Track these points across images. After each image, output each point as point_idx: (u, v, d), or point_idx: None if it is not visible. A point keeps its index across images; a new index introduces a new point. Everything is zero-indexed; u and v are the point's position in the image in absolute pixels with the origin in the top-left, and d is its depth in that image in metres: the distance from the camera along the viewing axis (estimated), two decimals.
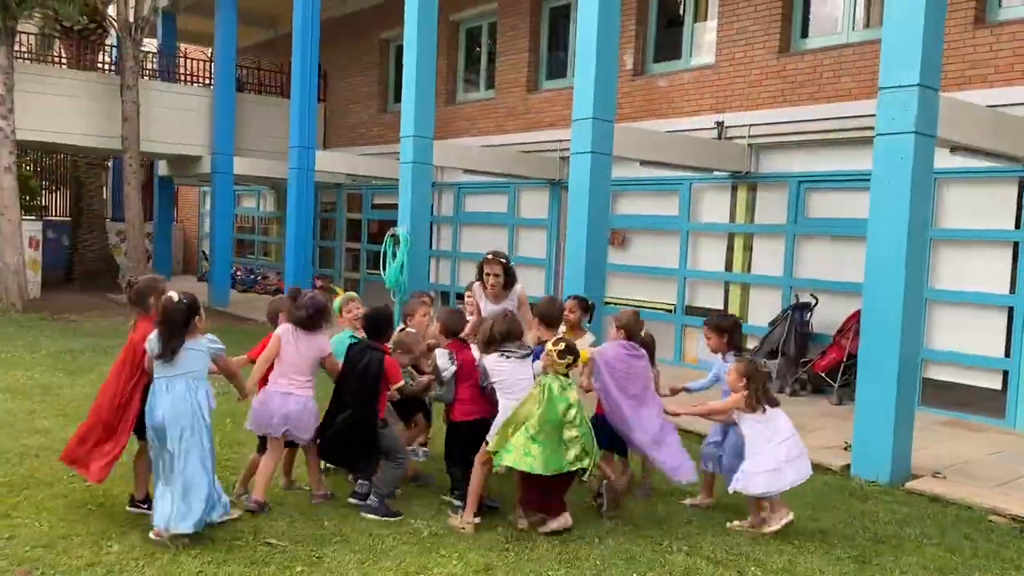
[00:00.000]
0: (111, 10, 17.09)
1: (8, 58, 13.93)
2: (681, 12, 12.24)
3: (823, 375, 9.60)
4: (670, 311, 11.93)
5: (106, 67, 20.06)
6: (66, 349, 10.56)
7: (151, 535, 4.44)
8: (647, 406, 5.52)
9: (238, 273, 22.05)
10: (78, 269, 20.49)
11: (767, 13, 10.74)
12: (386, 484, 5.15)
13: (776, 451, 5.13)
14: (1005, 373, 8.64)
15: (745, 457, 5.22)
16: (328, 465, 5.72)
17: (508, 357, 5.13)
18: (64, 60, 18.78)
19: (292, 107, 14.92)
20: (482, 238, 14.90)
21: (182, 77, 20.22)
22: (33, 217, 18.20)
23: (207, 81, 20.09)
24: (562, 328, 6.11)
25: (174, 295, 4.58)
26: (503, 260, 6.63)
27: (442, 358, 5.32)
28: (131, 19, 16.18)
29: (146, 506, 4.84)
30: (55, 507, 4.89)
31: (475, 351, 5.49)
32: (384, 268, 11.80)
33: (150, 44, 21.82)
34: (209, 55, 20.69)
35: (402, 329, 5.88)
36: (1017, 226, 8.60)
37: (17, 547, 4.33)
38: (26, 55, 17.03)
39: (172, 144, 17.87)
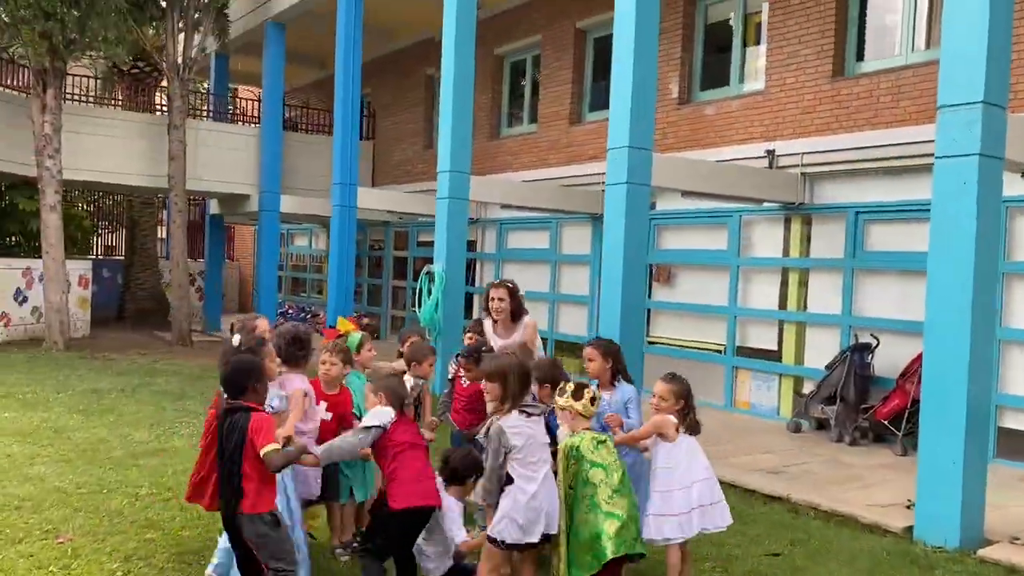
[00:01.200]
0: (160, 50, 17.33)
1: (56, 99, 14.10)
2: (729, 37, 11.70)
3: (886, 423, 8.78)
4: (719, 352, 11.23)
5: (161, 108, 20.38)
6: (94, 389, 10.37)
7: None
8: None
9: (289, 311, 22.00)
10: (130, 307, 20.69)
11: (819, 36, 10.13)
12: None
13: (689, 493, 4.42)
14: None
15: (651, 495, 4.45)
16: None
17: (529, 415, 4.22)
18: (119, 101, 19.11)
19: (335, 144, 14.79)
20: (525, 275, 14.39)
21: (239, 117, 20.42)
22: (88, 256, 18.48)
23: (258, 120, 20.23)
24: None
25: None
26: (509, 285, 6.26)
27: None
28: (179, 60, 16.33)
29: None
30: (14, 568, 4.50)
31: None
32: (419, 306, 11.42)
33: (204, 84, 22.19)
34: (258, 95, 20.87)
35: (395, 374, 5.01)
36: None
37: None
38: (78, 96, 17.30)
39: (220, 183, 17.95)
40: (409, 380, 5.11)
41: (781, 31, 10.56)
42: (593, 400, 4.19)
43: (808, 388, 9.90)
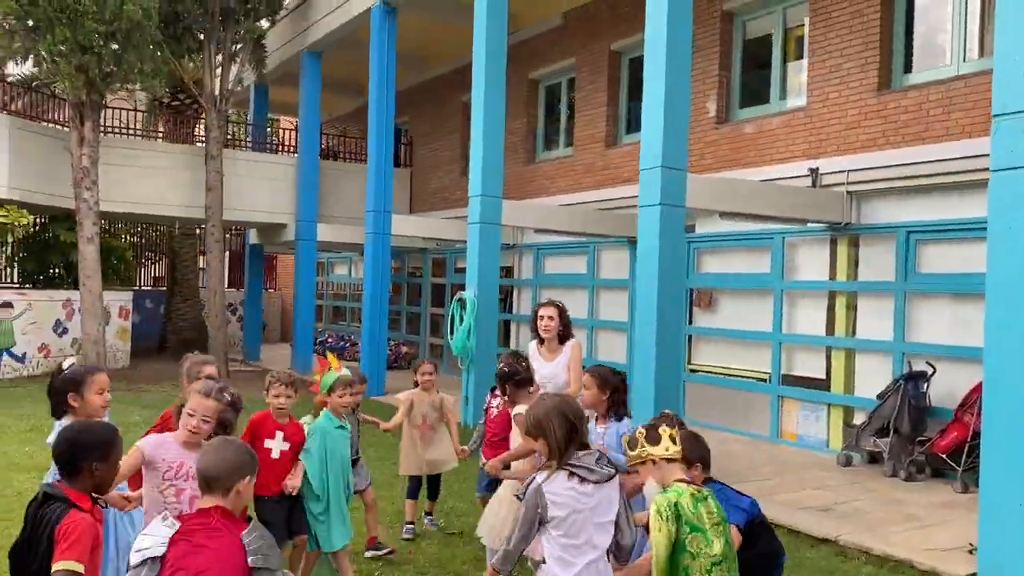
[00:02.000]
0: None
1: (93, 132, 14.22)
2: (768, 53, 11.28)
3: (944, 457, 8.17)
4: (764, 380, 10.70)
5: (201, 140, 20.59)
6: (122, 422, 10.17)
7: None
8: None
9: (329, 340, 21.95)
10: (172, 337, 20.78)
11: (863, 48, 9.67)
12: None
13: None
14: None
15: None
16: None
17: (583, 479, 3.18)
18: (161, 134, 19.34)
19: (369, 171, 14.67)
20: (563, 300, 14.02)
21: (282, 147, 20.51)
22: (131, 287, 18.62)
23: (296, 150, 20.31)
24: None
25: None
26: (558, 304, 6.27)
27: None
28: (216, 92, 16.43)
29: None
30: None
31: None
32: (451, 333, 11.13)
33: (243, 115, 22.40)
34: (297, 124, 20.98)
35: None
36: None
37: None
38: (117, 129, 17.50)
39: (258, 212, 17.98)
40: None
41: (823, 44, 10.12)
42: (673, 439, 3.38)
43: (859, 419, 9.34)
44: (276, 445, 4.68)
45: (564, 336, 6.13)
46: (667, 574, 3.18)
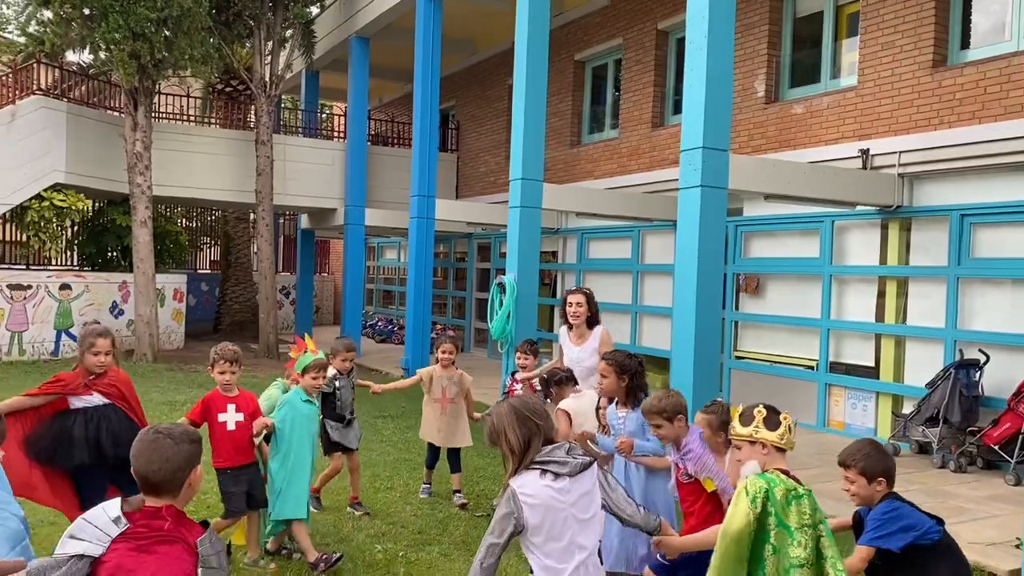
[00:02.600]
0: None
1: (146, 118, 14.51)
2: (819, 31, 10.94)
3: (996, 448, 7.87)
4: (811, 368, 10.44)
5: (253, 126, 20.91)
6: (170, 401, 10.48)
7: None
8: None
9: (378, 323, 22.18)
10: (226, 319, 21.22)
11: (917, 23, 9.30)
12: None
13: None
14: None
15: None
16: None
17: (556, 475, 2.96)
18: (216, 120, 19.67)
19: (413, 156, 14.69)
20: (606, 285, 13.92)
21: (334, 132, 20.71)
22: (186, 270, 19.03)
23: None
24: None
25: None
26: (586, 291, 6.48)
27: None
28: (267, 77, 16.61)
29: None
30: None
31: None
32: (491, 318, 11.10)
33: (296, 102, 22.65)
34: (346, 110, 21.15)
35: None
36: None
37: None
38: (170, 115, 17.85)
39: (307, 197, 18.19)
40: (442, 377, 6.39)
41: (875, 20, 9.77)
42: (791, 429, 3.24)
43: (908, 408, 9.04)
44: (230, 417, 4.93)
45: (592, 322, 6.39)
46: (733, 553, 2.99)
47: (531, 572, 2.96)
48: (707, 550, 3.21)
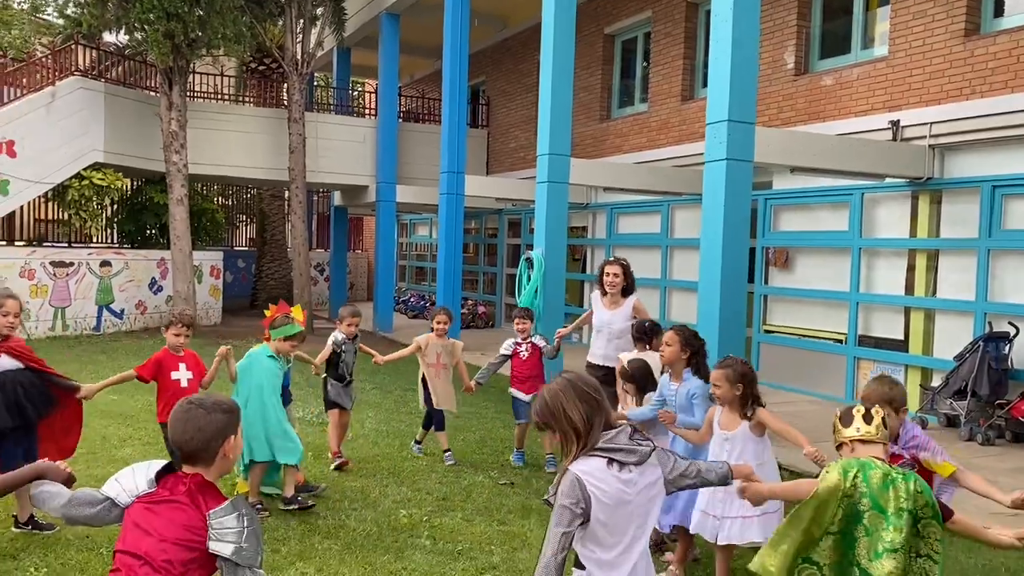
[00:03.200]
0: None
1: (181, 97, 14.75)
2: (850, 0, 10.78)
3: None
4: (841, 341, 10.41)
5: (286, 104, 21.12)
6: None
7: None
8: None
9: (411, 299, 22.39)
10: (262, 295, 21.58)
11: None
12: None
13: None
14: None
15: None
16: None
17: (622, 464, 2.65)
18: (249, 98, 19.91)
19: (443, 132, 14.77)
20: (636, 260, 13.90)
21: (365, 110, 20.85)
22: (222, 247, 19.38)
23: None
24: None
25: None
26: (623, 262, 6.77)
27: None
28: (298, 55, 16.77)
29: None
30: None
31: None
32: (519, 293, 11.20)
33: (329, 80, 22.75)
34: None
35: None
36: None
37: None
38: (205, 94, 18.11)
39: (340, 175, 18.39)
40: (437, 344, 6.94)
41: None
42: (868, 418, 3.13)
43: (937, 381, 9.00)
44: (183, 375, 5.38)
45: (627, 290, 6.65)
46: (809, 514, 2.93)
47: (579, 566, 2.67)
48: None
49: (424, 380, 6.99)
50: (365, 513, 5.50)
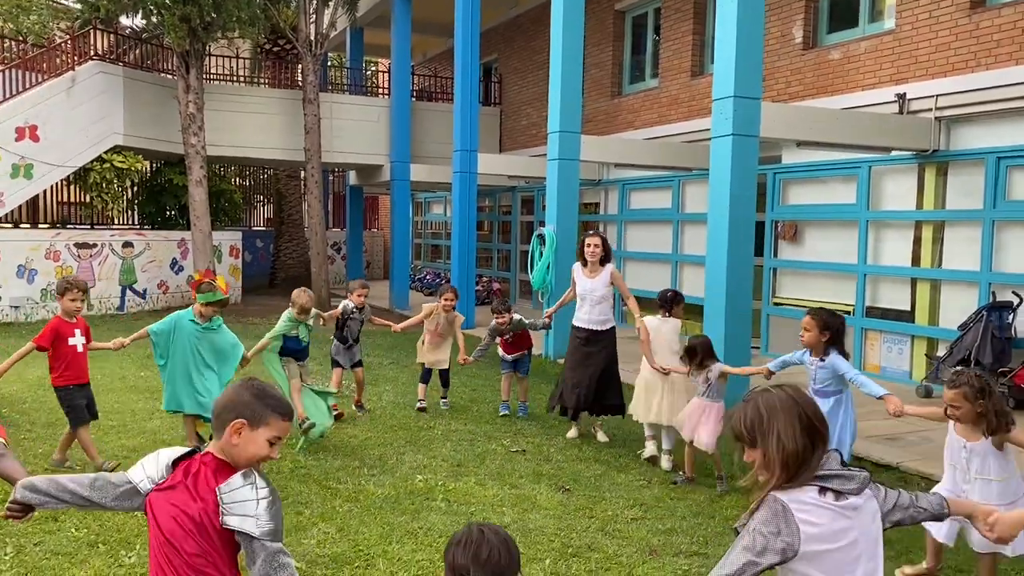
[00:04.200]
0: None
1: (198, 79, 14.99)
2: None
3: None
4: (848, 313, 10.56)
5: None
6: None
7: None
8: None
9: (427, 276, 22.66)
10: (280, 275, 21.93)
11: None
12: None
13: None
14: None
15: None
16: None
17: (839, 493, 2.16)
18: (265, 80, 20.14)
19: (455, 110, 14.93)
20: (647, 236, 14.14)
21: (379, 89, 21.03)
22: (240, 228, 19.68)
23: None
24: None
25: None
26: (602, 235, 7.30)
27: None
28: (311, 36, 16.95)
29: None
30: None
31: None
32: (531, 269, 11.41)
33: (343, 60, 22.90)
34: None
35: None
36: None
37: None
38: (221, 76, 18.34)
39: (354, 154, 18.61)
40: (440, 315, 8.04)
41: None
42: None
43: (943, 351, 9.16)
44: (78, 341, 5.76)
45: (605, 260, 7.17)
46: None
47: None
48: None
49: (424, 342, 8.12)
50: (383, 478, 5.77)
